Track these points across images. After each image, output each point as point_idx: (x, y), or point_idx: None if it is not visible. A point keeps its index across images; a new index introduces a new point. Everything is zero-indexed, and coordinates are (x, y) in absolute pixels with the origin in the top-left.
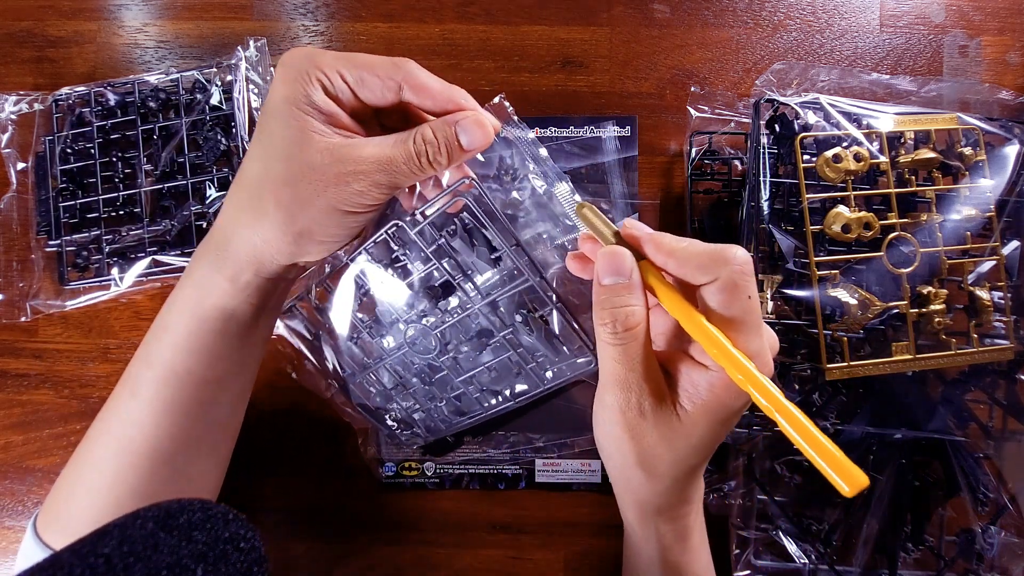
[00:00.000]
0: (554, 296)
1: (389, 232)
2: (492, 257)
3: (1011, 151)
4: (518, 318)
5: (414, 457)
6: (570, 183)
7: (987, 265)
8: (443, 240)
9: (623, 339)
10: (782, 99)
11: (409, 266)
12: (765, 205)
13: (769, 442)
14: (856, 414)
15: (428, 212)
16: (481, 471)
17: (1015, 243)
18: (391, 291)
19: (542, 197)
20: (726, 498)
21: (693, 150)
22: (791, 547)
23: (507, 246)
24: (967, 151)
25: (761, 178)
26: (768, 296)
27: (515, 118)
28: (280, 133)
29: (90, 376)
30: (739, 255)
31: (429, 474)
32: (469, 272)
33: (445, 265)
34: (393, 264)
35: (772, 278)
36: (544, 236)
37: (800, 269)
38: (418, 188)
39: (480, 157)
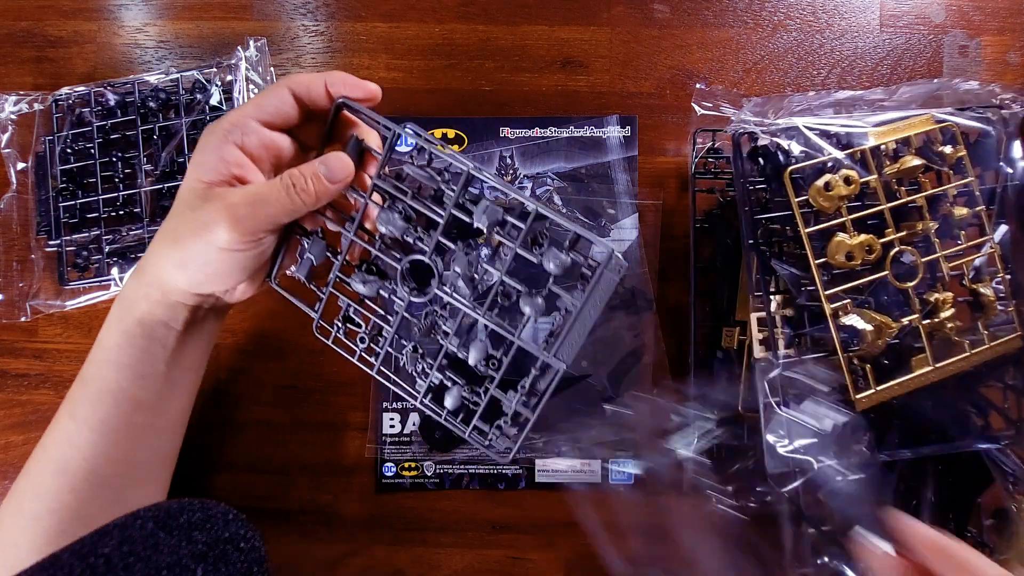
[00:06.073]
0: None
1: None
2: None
3: (989, 139)
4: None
5: (415, 457)
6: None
7: (984, 258)
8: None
9: None
10: (760, 130)
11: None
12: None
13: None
14: (885, 439)
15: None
16: (481, 471)
17: (1004, 227)
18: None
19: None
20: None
21: (696, 147)
22: (851, 573)
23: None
24: (947, 149)
25: (752, 217)
26: (780, 331)
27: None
28: (184, 198)
29: None
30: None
31: (429, 474)
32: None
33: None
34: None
35: (783, 313)
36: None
37: (808, 302)
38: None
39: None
